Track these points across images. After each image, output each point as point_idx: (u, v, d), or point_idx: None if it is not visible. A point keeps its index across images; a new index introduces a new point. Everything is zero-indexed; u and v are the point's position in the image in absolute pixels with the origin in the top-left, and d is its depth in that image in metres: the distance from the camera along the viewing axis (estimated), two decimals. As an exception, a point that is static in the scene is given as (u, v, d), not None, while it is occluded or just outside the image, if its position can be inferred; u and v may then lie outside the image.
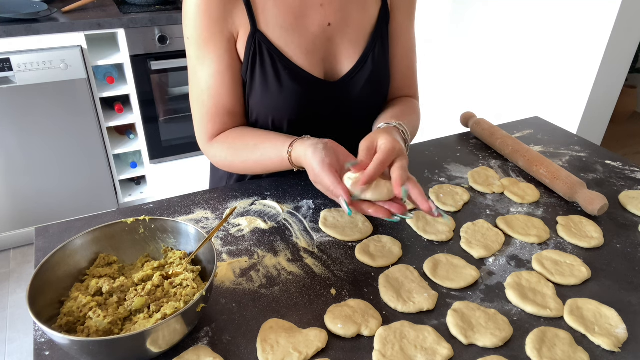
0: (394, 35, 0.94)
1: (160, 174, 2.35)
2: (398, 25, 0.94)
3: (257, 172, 0.89)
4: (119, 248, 0.71)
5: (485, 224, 0.86)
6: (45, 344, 0.63)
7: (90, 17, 1.93)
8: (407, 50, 0.97)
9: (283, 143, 0.80)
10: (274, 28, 0.84)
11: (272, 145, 0.82)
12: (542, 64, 2.07)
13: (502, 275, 0.76)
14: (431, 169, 1.03)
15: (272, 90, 0.86)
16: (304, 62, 0.86)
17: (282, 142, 0.81)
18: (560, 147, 1.14)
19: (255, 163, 0.85)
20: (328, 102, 0.90)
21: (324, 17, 0.86)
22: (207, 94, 0.86)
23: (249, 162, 0.86)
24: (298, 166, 0.79)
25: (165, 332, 0.56)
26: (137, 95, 2.11)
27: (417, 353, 0.62)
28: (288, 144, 0.79)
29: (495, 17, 2.26)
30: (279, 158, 0.81)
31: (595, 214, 0.89)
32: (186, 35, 0.84)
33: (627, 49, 1.85)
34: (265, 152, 0.83)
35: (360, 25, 0.89)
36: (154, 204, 0.90)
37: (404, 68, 0.99)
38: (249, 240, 0.82)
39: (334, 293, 0.71)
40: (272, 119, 0.89)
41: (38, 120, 1.96)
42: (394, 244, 0.81)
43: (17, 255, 2.19)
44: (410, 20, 0.96)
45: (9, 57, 1.80)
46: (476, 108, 2.15)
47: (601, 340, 0.64)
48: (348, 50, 0.89)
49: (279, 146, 0.81)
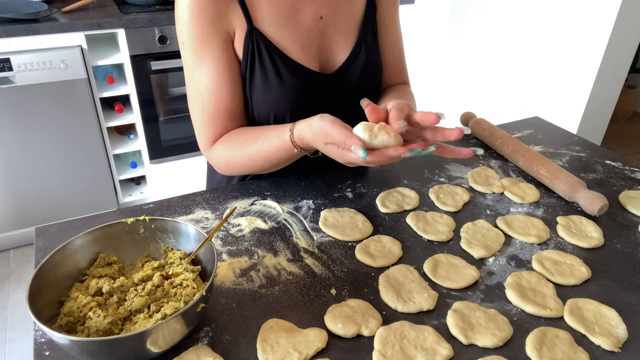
0: (382, 24, 0.97)
1: (160, 174, 2.35)
2: (385, 15, 0.96)
3: (260, 165, 0.86)
4: (119, 248, 0.71)
5: (485, 224, 0.86)
6: (45, 344, 0.63)
7: (90, 17, 1.93)
8: (396, 38, 1.00)
9: (284, 127, 0.80)
10: (269, 24, 0.84)
11: (273, 133, 0.81)
12: (542, 64, 2.07)
13: (502, 275, 0.76)
14: (431, 169, 1.03)
15: (273, 86, 0.86)
16: (300, 56, 0.87)
17: (283, 127, 0.80)
18: (560, 147, 1.14)
19: (257, 154, 0.83)
20: (326, 94, 0.91)
21: (316, 11, 0.87)
22: (206, 97, 0.85)
23: (252, 154, 0.84)
24: (301, 145, 0.77)
25: (165, 332, 0.56)
26: (137, 95, 2.11)
27: (417, 353, 0.62)
28: (289, 127, 0.78)
29: (495, 17, 2.26)
30: (281, 141, 0.79)
31: (595, 214, 0.89)
32: (181, 40, 0.83)
33: (627, 49, 1.85)
34: (266, 140, 0.82)
35: (350, 16, 0.91)
36: (154, 204, 0.90)
37: (394, 57, 1.01)
38: (249, 240, 0.82)
39: (334, 293, 0.71)
40: (273, 115, 0.89)
41: (38, 120, 1.96)
42: (394, 244, 0.81)
43: (17, 255, 2.19)
44: (395, 10, 0.99)
45: (9, 57, 1.80)
46: (476, 108, 2.16)
47: (601, 340, 0.64)
48: (341, 42, 0.91)
49: (280, 131, 0.80)
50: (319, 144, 0.73)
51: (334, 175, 0.99)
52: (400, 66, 1.04)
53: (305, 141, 0.76)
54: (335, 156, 0.72)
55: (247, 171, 0.89)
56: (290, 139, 0.77)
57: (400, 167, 1.03)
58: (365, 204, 0.91)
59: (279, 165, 0.86)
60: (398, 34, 1.01)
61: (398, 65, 1.03)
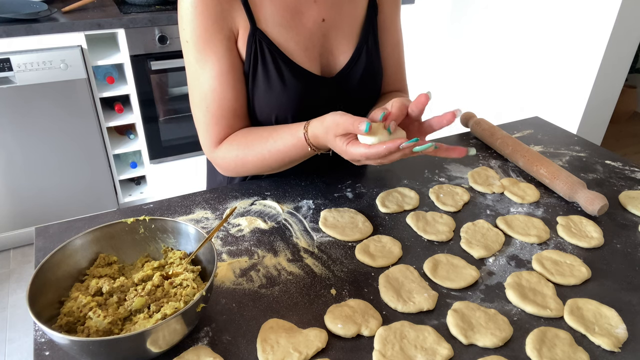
0: (383, 28, 0.96)
1: (160, 174, 2.35)
2: (386, 18, 0.96)
3: (271, 164, 0.85)
4: (119, 248, 0.71)
5: (485, 224, 0.86)
6: (45, 344, 0.63)
7: (90, 17, 1.93)
8: (396, 43, 1.00)
9: (298, 126, 0.80)
10: (272, 26, 0.84)
11: (287, 131, 0.81)
12: (542, 64, 2.07)
13: (502, 275, 0.76)
14: (431, 169, 1.03)
15: (275, 88, 0.86)
16: (302, 59, 0.87)
17: (297, 126, 0.80)
18: (560, 147, 1.14)
19: (269, 153, 0.83)
20: (327, 97, 0.91)
21: (318, 13, 0.87)
22: (210, 97, 0.84)
23: (264, 154, 0.83)
24: (314, 143, 0.78)
25: (165, 332, 0.56)
26: (137, 95, 2.11)
27: (417, 353, 0.62)
28: (303, 125, 0.79)
29: (495, 17, 2.27)
30: (295, 139, 0.79)
31: (595, 214, 0.89)
32: (184, 39, 0.83)
33: (627, 49, 1.85)
34: (279, 139, 0.81)
35: (352, 19, 0.91)
36: (154, 204, 0.90)
37: (394, 62, 1.01)
38: (249, 240, 0.82)
39: (334, 293, 0.71)
40: (275, 116, 0.88)
41: (38, 120, 1.96)
42: (394, 244, 0.81)
43: (17, 255, 2.19)
44: (397, 14, 0.98)
45: (9, 57, 1.80)
46: (476, 108, 2.16)
47: (601, 340, 0.64)
48: (342, 45, 0.90)
49: (294, 129, 0.80)
50: (329, 138, 0.74)
51: (334, 175, 0.99)
52: (399, 70, 1.03)
53: (317, 139, 0.77)
54: (341, 151, 0.73)
55: (257, 171, 0.88)
56: (304, 136, 0.78)
57: (400, 167, 1.03)
58: (365, 204, 0.91)
59: (289, 165, 0.86)
60: (399, 37, 1.00)
61: (397, 70, 1.02)
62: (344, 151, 0.72)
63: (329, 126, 0.73)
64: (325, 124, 0.74)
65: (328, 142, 0.75)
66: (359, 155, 0.71)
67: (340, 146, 0.73)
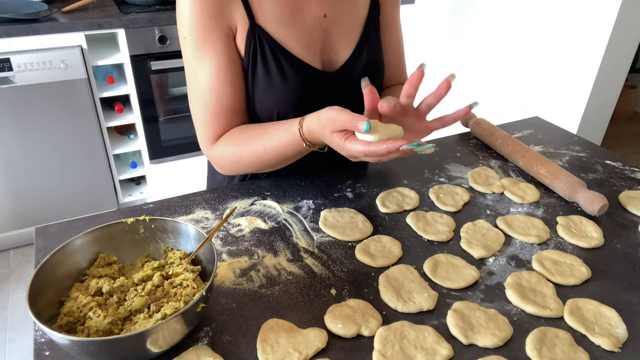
0: (384, 25, 0.97)
1: (160, 174, 2.35)
2: (387, 15, 0.97)
3: (266, 161, 0.85)
4: (119, 248, 0.71)
5: (485, 224, 0.86)
6: (45, 344, 0.63)
7: (90, 17, 1.93)
8: (397, 40, 1.01)
9: (293, 122, 0.79)
10: (272, 22, 0.84)
11: (282, 127, 0.81)
12: (542, 64, 2.07)
13: (502, 275, 0.76)
14: (431, 169, 1.03)
15: (276, 84, 0.85)
16: (303, 54, 0.87)
17: (291, 122, 0.80)
18: (560, 147, 1.14)
19: (264, 150, 0.82)
20: (328, 93, 0.90)
21: (319, 9, 0.87)
22: (209, 94, 0.84)
23: (259, 150, 0.83)
24: (309, 139, 0.77)
25: (165, 332, 0.56)
26: (137, 95, 2.11)
27: (417, 353, 0.62)
28: (297, 121, 0.78)
29: (496, 17, 2.27)
30: (290, 135, 0.79)
31: (595, 214, 0.89)
32: (182, 35, 0.83)
33: (627, 49, 1.85)
34: (274, 135, 0.81)
35: (354, 16, 0.91)
36: (154, 204, 0.90)
37: (395, 58, 1.02)
38: (249, 240, 0.82)
39: (334, 293, 0.71)
40: (277, 113, 0.88)
41: (38, 121, 1.96)
42: (394, 244, 0.81)
43: (17, 255, 2.19)
44: (397, 11, 1.00)
45: (9, 57, 1.80)
46: (476, 108, 2.15)
47: (601, 340, 0.64)
48: (344, 41, 0.91)
49: (288, 125, 0.80)
50: (325, 133, 0.73)
51: (334, 175, 0.99)
52: (400, 67, 1.04)
53: (313, 134, 0.76)
54: (338, 147, 0.73)
55: (252, 169, 0.88)
56: (299, 132, 0.77)
57: (400, 167, 1.03)
58: (365, 204, 0.91)
59: (285, 162, 0.85)
60: (399, 35, 1.02)
61: (398, 66, 1.04)
62: (341, 147, 0.72)
63: (325, 122, 0.72)
64: (322, 120, 0.73)
65: (324, 138, 0.75)
66: (357, 152, 0.70)
67: (337, 142, 0.72)
